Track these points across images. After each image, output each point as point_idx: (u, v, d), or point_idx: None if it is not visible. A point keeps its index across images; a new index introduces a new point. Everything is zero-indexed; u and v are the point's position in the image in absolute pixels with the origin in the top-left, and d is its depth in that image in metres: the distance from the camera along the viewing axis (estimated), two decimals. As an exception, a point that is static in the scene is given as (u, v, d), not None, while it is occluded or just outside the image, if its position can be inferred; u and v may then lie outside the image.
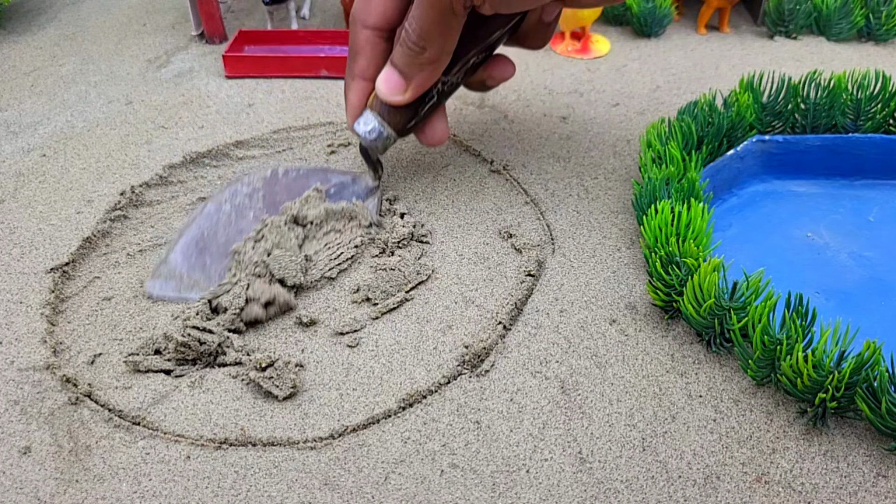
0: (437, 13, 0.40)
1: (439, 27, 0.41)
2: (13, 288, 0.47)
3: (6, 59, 0.76)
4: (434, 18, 0.40)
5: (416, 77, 0.44)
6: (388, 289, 0.46)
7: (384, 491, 0.36)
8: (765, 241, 0.51)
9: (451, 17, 0.41)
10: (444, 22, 0.41)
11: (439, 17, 0.40)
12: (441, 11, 0.40)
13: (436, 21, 0.41)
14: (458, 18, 0.41)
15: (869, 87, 0.55)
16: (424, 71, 0.43)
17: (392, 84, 0.44)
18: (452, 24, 0.41)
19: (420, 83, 0.44)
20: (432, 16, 0.40)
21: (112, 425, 0.39)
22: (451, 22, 0.41)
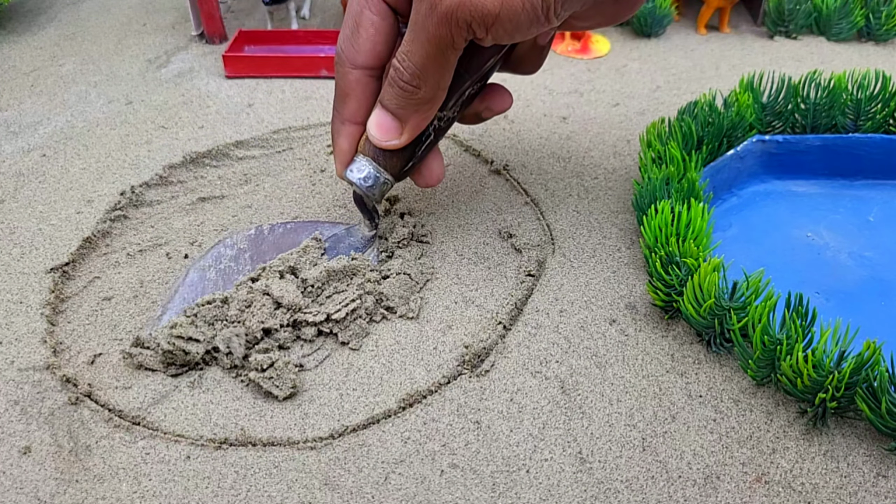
0: (434, 48, 0.36)
1: (436, 63, 0.37)
2: (13, 288, 0.47)
3: (6, 59, 0.76)
4: (430, 54, 0.36)
5: (412, 119, 0.40)
6: (403, 294, 0.46)
7: (384, 491, 0.36)
8: (765, 241, 0.51)
9: (450, 52, 0.37)
10: (442, 57, 0.37)
11: (436, 53, 0.36)
12: (439, 47, 0.36)
13: (432, 57, 0.36)
14: (456, 53, 0.37)
15: (869, 87, 0.55)
16: (420, 111, 0.39)
17: (386, 128, 0.40)
18: (450, 59, 0.37)
19: (416, 124, 0.40)
20: (429, 51, 0.36)
21: (112, 425, 0.39)
22: (449, 57, 0.37)
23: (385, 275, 0.47)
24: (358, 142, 0.43)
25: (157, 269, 0.49)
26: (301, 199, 0.55)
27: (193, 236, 0.52)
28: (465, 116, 0.47)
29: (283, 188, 0.56)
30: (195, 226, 0.53)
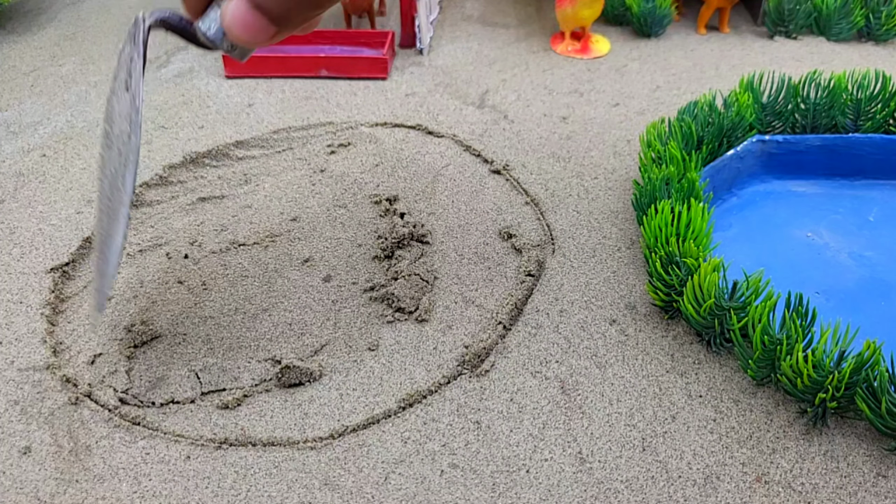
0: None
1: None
2: (13, 288, 0.47)
3: (6, 59, 0.76)
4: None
5: (294, 22, 0.33)
6: (414, 294, 0.46)
7: (384, 491, 0.36)
8: (765, 241, 0.51)
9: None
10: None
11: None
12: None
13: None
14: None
15: (869, 87, 0.55)
16: (308, 13, 0.32)
17: (255, 29, 0.32)
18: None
19: (297, 25, 0.33)
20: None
21: (112, 425, 0.39)
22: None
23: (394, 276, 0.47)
24: (209, 1, 0.35)
25: (157, 269, 0.49)
26: (301, 199, 0.55)
27: (193, 236, 0.52)
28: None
29: (283, 188, 0.56)
30: (195, 226, 0.53)
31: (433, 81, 0.71)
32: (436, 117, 0.65)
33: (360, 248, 0.51)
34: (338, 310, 0.46)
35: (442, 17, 0.86)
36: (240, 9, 0.32)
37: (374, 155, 0.60)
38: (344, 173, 0.58)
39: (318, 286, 0.48)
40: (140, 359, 0.43)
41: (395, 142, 0.62)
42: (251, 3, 0.32)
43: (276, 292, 0.47)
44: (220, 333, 0.44)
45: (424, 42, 0.76)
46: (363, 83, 0.71)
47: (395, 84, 0.71)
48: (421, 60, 0.75)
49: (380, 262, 0.49)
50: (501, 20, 0.85)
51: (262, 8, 0.31)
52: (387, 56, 0.71)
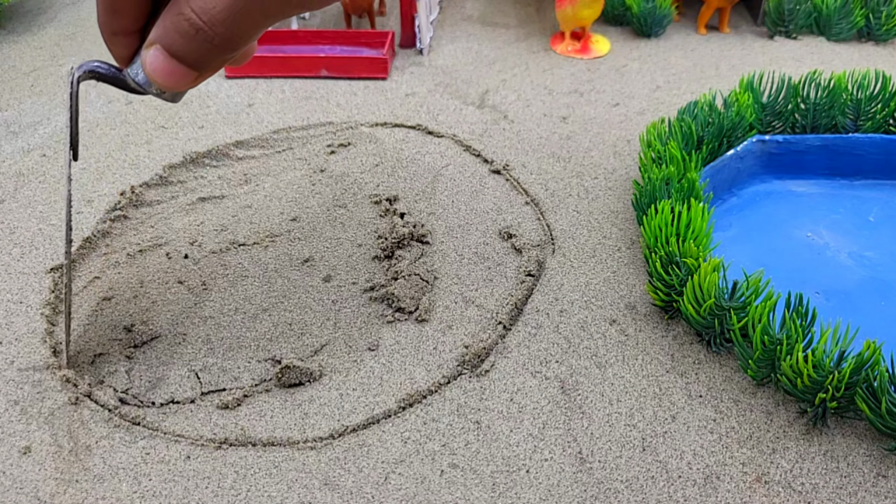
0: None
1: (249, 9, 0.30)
2: (13, 288, 0.47)
3: (6, 59, 0.76)
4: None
5: (212, 66, 0.33)
6: (414, 294, 0.46)
7: (384, 491, 0.36)
8: (765, 241, 0.51)
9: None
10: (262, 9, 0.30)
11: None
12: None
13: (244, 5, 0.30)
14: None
15: (869, 87, 0.55)
16: (223, 57, 0.32)
17: (178, 76, 0.33)
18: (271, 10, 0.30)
19: (217, 68, 0.33)
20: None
21: (112, 425, 0.39)
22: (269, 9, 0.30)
23: (394, 276, 0.47)
24: (136, 48, 0.36)
25: (157, 269, 0.49)
26: (301, 199, 0.55)
27: (193, 236, 0.52)
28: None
29: (283, 188, 0.56)
30: (195, 226, 0.53)
31: (433, 81, 0.71)
32: (436, 117, 0.65)
33: (360, 248, 0.51)
34: (338, 310, 0.46)
35: (442, 17, 0.86)
36: (157, 58, 0.33)
37: (374, 155, 0.60)
38: (344, 173, 0.58)
39: (318, 286, 0.48)
40: (140, 359, 0.43)
41: (395, 142, 0.62)
42: (166, 53, 0.32)
43: (276, 292, 0.47)
44: (220, 333, 0.44)
45: (424, 42, 0.76)
46: (363, 83, 0.71)
47: (395, 84, 0.71)
48: (421, 60, 0.75)
49: (380, 262, 0.49)
50: (501, 20, 0.85)
51: (177, 56, 0.32)
52: (387, 56, 0.71)
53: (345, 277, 0.48)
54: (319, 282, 0.48)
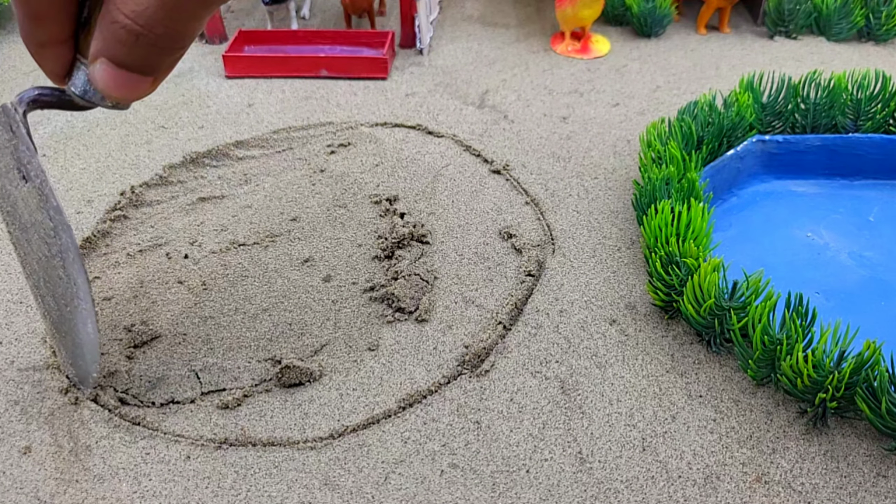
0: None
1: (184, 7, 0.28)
2: (13, 288, 0.47)
3: (6, 59, 0.76)
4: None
5: (165, 67, 0.31)
6: (414, 294, 0.46)
7: (384, 491, 0.36)
8: (765, 241, 0.51)
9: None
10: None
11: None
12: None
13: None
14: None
15: (869, 87, 0.55)
16: (174, 56, 0.30)
17: (131, 85, 0.31)
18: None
19: (172, 65, 0.31)
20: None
21: (112, 425, 0.39)
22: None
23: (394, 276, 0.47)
24: (69, 60, 0.32)
25: (157, 269, 0.49)
26: (301, 198, 0.55)
27: (193, 236, 0.52)
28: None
29: (283, 188, 0.56)
30: (195, 226, 0.53)
31: (433, 81, 0.71)
32: (436, 117, 0.65)
33: (360, 248, 0.51)
34: (338, 310, 0.46)
35: (442, 17, 0.86)
36: (106, 72, 0.30)
37: (374, 155, 0.60)
38: (344, 173, 0.58)
39: (318, 286, 0.48)
40: (140, 359, 0.43)
41: (395, 142, 0.62)
42: (114, 64, 0.30)
43: (276, 292, 0.47)
44: (220, 333, 0.44)
45: (424, 42, 0.76)
46: (363, 83, 0.71)
47: (395, 84, 0.71)
48: (421, 60, 0.75)
49: (380, 262, 0.49)
50: (501, 20, 0.85)
51: (125, 66, 0.30)
52: (387, 56, 0.71)
53: (345, 277, 0.48)
54: (319, 282, 0.48)
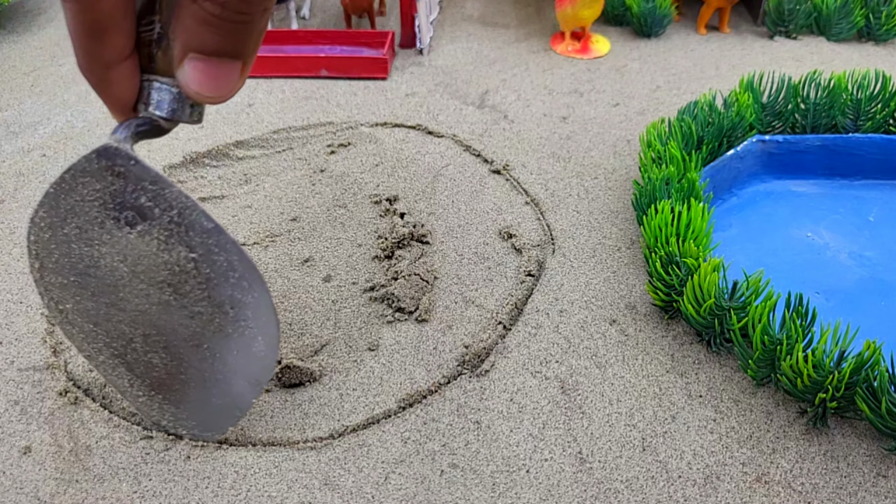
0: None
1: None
2: (13, 288, 0.47)
3: (6, 59, 0.76)
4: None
5: (253, 46, 0.29)
6: (414, 294, 0.46)
7: (384, 491, 0.36)
8: (765, 241, 0.51)
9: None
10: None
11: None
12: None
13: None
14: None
15: (869, 87, 0.55)
16: (258, 29, 0.28)
17: (224, 77, 0.28)
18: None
19: (256, 47, 0.29)
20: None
21: (112, 425, 0.39)
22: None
23: (394, 276, 0.47)
24: (138, 81, 0.29)
25: (157, 269, 0.49)
26: (301, 199, 0.55)
27: (193, 236, 0.52)
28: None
29: (283, 188, 0.56)
30: (195, 226, 0.53)
31: (433, 81, 0.71)
32: (436, 117, 0.65)
33: (360, 248, 0.51)
34: (338, 310, 0.46)
35: (442, 17, 0.86)
36: (197, 67, 0.28)
37: (374, 155, 0.60)
38: (344, 173, 0.58)
39: (318, 286, 0.48)
40: (140, 359, 0.43)
41: (395, 142, 0.62)
42: (204, 55, 0.28)
43: (276, 292, 0.47)
44: (220, 333, 0.44)
45: (424, 42, 0.76)
46: (363, 83, 0.71)
47: (395, 84, 0.71)
48: (421, 60, 0.75)
49: (380, 262, 0.49)
50: (501, 20, 0.85)
51: (217, 52, 0.28)
52: (387, 56, 0.71)
53: (345, 277, 0.48)
54: (319, 282, 0.48)
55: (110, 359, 0.34)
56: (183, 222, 0.30)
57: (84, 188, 0.29)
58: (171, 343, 0.33)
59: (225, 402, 0.36)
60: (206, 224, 0.30)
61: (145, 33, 0.28)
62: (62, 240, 0.31)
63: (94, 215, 0.30)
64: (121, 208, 0.30)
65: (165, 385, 0.35)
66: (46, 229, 0.30)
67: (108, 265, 0.31)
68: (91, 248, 0.31)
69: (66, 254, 0.31)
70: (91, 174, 0.29)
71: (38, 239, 0.31)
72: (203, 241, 0.30)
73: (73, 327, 0.33)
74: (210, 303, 0.32)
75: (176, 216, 0.30)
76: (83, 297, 0.32)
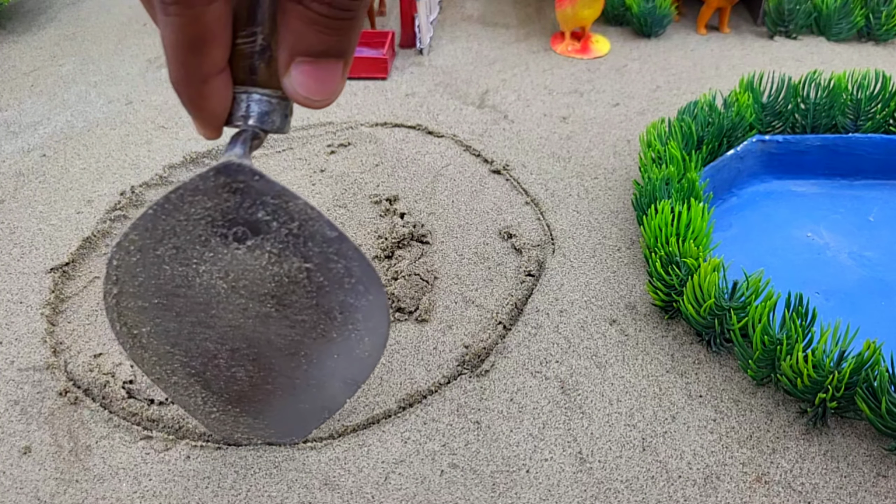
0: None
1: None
2: (13, 288, 0.47)
3: (6, 59, 0.76)
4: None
5: (352, 46, 0.29)
6: (414, 294, 0.46)
7: (384, 491, 0.36)
8: (765, 241, 0.51)
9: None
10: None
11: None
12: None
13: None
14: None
15: (869, 87, 0.55)
16: (360, 24, 0.28)
17: (330, 79, 0.29)
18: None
19: (355, 45, 0.29)
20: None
21: (112, 425, 0.39)
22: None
23: (394, 276, 0.47)
24: (231, 92, 0.29)
25: (157, 269, 0.49)
26: (301, 199, 0.55)
27: (193, 236, 0.52)
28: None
29: (283, 188, 0.56)
30: (195, 226, 0.53)
31: (433, 81, 0.71)
32: (436, 117, 0.65)
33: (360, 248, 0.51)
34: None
35: (442, 17, 0.86)
36: (306, 71, 0.28)
37: (374, 155, 0.60)
38: (344, 173, 0.58)
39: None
40: (140, 359, 0.43)
41: (395, 142, 0.62)
42: (312, 57, 0.28)
43: (276, 292, 0.47)
44: (220, 333, 0.44)
45: (424, 42, 0.76)
46: (363, 83, 0.71)
47: (395, 84, 0.71)
48: (421, 60, 0.75)
49: (380, 262, 0.49)
50: (501, 20, 0.85)
51: (324, 53, 0.28)
52: (387, 56, 0.71)
53: (345, 277, 0.48)
54: (319, 282, 0.48)
55: (184, 378, 0.33)
56: (303, 234, 0.29)
57: (191, 207, 0.28)
58: (262, 354, 0.32)
59: (313, 406, 0.35)
60: (329, 233, 0.29)
61: (245, 45, 0.27)
62: (152, 261, 0.30)
63: (197, 234, 0.29)
64: (231, 224, 0.29)
65: (246, 397, 0.34)
66: (135, 252, 0.29)
67: (205, 283, 0.30)
68: (187, 267, 0.30)
69: (155, 276, 0.30)
70: (204, 192, 0.28)
71: (121, 263, 0.30)
72: (322, 250, 0.30)
73: (146, 351, 0.32)
74: (316, 310, 0.31)
75: (296, 228, 0.29)
76: (165, 318, 0.31)
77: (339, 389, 0.35)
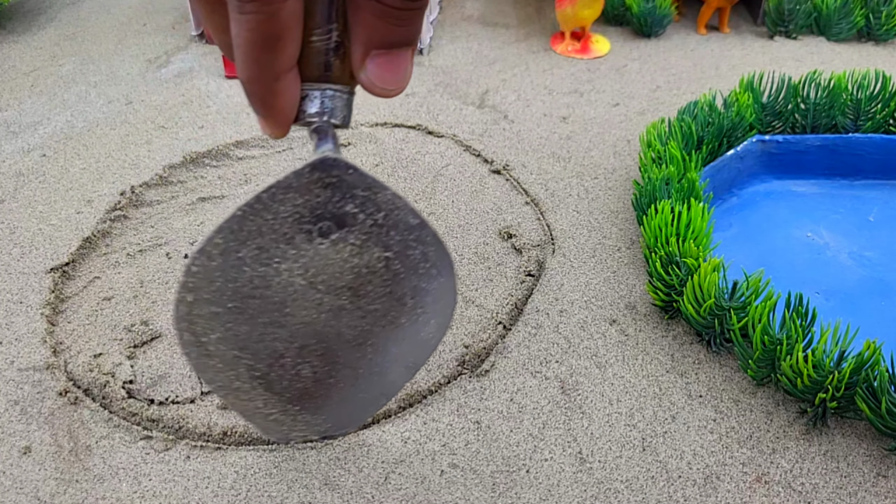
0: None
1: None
2: (13, 288, 0.47)
3: (6, 59, 0.76)
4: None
5: (418, 33, 0.29)
6: None
7: (384, 491, 0.36)
8: (765, 241, 0.51)
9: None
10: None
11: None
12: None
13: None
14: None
15: (869, 87, 0.55)
16: (424, 12, 0.29)
17: (401, 69, 0.29)
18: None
19: (420, 32, 0.30)
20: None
21: (112, 425, 0.39)
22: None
23: None
24: (299, 90, 0.29)
25: (157, 269, 0.49)
26: (301, 199, 0.55)
27: (193, 236, 0.52)
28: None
29: (283, 188, 0.56)
30: (195, 226, 0.53)
31: (433, 81, 0.71)
32: (436, 117, 0.65)
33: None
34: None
35: (442, 17, 0.86)
36: (381, 63, 0.28)
37: (374, 155, 0.60)
38: (344, 173, 0.58)
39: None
40: (140, 359, 0.43)
41: (395, 142, 0.62)
42: (386, 49, 0.28)
43: (276, 292, 0.47)
44: (220, 333, 0.44)
45: (424, 42, 0.76)
46: (363, 83, 0.71)
47: (395, 84, 0.71)
48: (421, 60, 0.75)
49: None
50: (501, 20, 0.85)
51: (396, 43, 0.28)
52: (387, 56, 0.71)
53: (345, 277, 0.48)
54: (319, 282, 0.48)
55: (247, 382, 0.33)
56: (387, 223, 0.29)
57: (281, 205, 0.28)
58: (330, 349, 0.32)
59: (372, 394, 0.35)
60: (412, 220, 0.29)
61: (320, 42, 0.27)
62: (232, 265, 0.29)
63: (283, 232, 0.29)
64: (318, 220, 0.29)
65: (308, 394, 0.34)
66: (217, 256, 0.29)
67: (283, 281, 0.30)
68: (268, 266, 0.29)
69: (233, 279, 0.30)
70: (296, 189, 0.28)
71: (201, 269, 0.29)
72: (403, 237, 0.30)
73: (212, 358, 0.32)
74: (389, 297, 0.31)
75: (381, 218, 0.29)
76: (237, 322, 0.31)
77: (399, 374, 0.34)
